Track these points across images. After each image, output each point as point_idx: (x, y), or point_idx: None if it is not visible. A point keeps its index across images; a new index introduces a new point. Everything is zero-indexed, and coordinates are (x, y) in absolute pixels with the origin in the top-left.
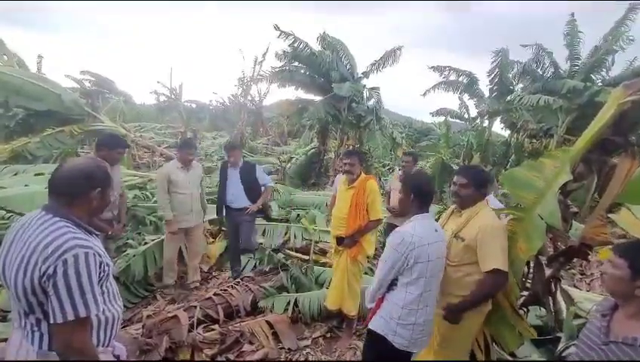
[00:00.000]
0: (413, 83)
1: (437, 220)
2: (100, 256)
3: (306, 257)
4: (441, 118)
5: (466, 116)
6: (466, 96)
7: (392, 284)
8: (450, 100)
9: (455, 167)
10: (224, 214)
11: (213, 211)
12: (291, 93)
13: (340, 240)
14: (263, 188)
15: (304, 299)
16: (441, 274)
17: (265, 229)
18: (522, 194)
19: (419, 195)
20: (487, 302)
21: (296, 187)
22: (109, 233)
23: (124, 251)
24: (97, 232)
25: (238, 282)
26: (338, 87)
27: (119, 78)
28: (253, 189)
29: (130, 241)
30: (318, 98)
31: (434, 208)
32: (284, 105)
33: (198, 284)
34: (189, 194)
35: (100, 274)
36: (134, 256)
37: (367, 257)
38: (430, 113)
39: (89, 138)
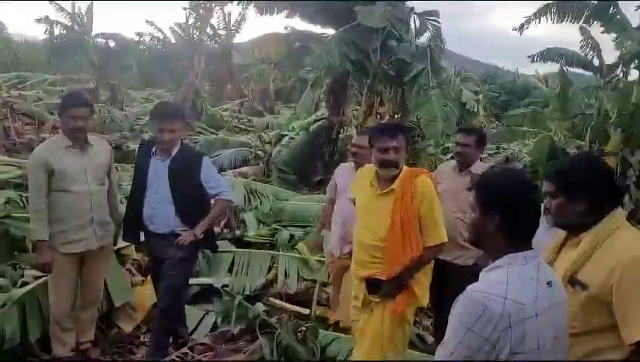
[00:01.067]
0: (499, 6)
1: None
2: None
3: (306, 311)
4: (551, 68)
5: (595, 63)
6: (595, 29)
7: None
8: (566, 36)
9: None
10: (142, 239)
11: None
12: (281, 22)
13: (372, 286)
14: (212, 202)
15: None
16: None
17: (233, 260)
18: None
19: (510, 216)
20: None
21: (290, 187)
22: None
23: None
24: None
25: (186, 354)
26: (365, 13)
27: None
28: (191, 201)
29: None
30: (328, 31)
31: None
32: (269, 44)
33: (89, 346)
34: (86, 192)
35: None
36: (4, 305)
37: (417, 309)
38: (529, 57)
39: None
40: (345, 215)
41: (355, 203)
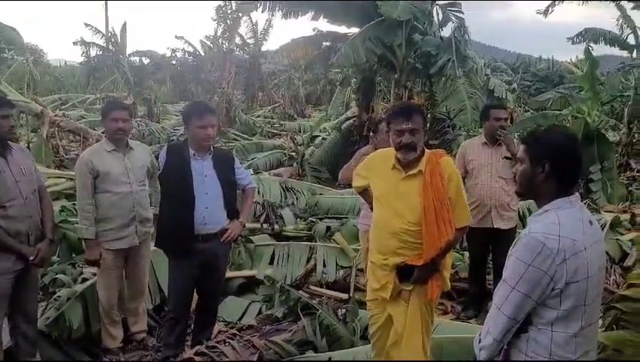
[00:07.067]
0: None
1: None
2: None
3: (344, 296)
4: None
5: (631, 41)
6: (630, 5)
7: (524, 324)
8: (596, 18)
9: (614, 137)
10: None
11: None
12: (307, 25)
13: (404, 273)
14: (241, 193)
15: (343, 360)
16: (600, 293)
17: (274, 253)
18: None
19: (559, 167)
20: None
21: (324, 183)
22: (31, 259)
23: (52, 292)
24: None
25: (235, 334)
26: (388, 7)
27: (23, 25)
28: (233, 194)
29: (60, 276)
30: (353, 30)
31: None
32: (296, 48)
33: (144, 336)
34: (129, 193)
35: None
36: (68, 299)
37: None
38: (569, 39)
39: None
40: None
41: (360, 191)
